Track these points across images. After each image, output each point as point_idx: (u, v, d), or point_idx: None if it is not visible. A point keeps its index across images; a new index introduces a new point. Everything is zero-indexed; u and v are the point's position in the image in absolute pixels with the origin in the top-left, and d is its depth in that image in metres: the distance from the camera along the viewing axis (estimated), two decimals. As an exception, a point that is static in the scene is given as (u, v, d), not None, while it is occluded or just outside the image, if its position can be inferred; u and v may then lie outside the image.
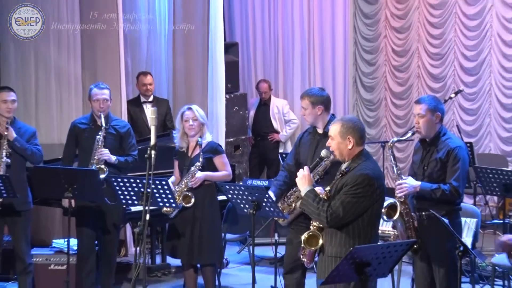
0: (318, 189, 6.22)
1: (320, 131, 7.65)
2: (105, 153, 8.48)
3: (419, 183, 7.03)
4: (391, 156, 7.33)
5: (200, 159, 8.16)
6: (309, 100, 7.67)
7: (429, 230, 6.99)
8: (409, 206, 7.05)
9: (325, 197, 5.99)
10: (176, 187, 8.17)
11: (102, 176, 8.36)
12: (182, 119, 8.29)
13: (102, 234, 8.81)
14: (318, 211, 5.90)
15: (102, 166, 8.45)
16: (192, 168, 8.18)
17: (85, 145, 8.64)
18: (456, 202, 7.09)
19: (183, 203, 8.13)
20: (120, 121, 9.04)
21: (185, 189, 8.19)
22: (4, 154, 8.50)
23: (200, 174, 8.18)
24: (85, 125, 8.76)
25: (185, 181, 8.21)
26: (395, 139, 7.80)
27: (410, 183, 7.02)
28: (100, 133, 8.52)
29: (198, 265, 8.50)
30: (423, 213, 7.04)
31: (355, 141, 6.02)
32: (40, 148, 8.79)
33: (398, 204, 6.82)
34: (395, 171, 7.06)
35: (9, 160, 8.51)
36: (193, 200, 8.15)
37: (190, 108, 8.30)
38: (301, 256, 6.31)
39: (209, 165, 8.28)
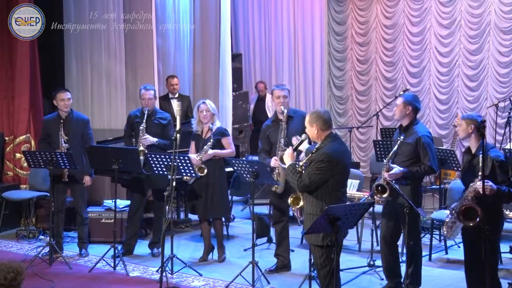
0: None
1: (281, 117, 7.66)
2: (147, 139, 8.43)
3: (402, 169, 6.78)
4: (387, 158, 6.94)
5: (211, 140, 8.14)
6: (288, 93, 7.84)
7: (398, 196, 6.77)
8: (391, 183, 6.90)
9: (299, 169, 6.02)
10: (195, 158, 8.12)
11: (141, 157, 8.29)
12: (198, 110, 8.24)
13: (154, 199, 8.80)
14: (293, 179, 5.97)
15: (142, 148, 8.39)
16: (205, 147, 8.15)
17: (136, 130, 8.60)
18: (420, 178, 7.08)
19: (198, 173, 8.07)
20: (164, 114, 8.84)
21: (200, 162, 8.14)
22: (63, 141, 8.45)
23: (210, 151, 8.15)
24: (138, 117, 8.69)
25: (199, 156, 8.16)
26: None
27: (398, 169, 6.80)
28: (142, 125, 8.45)
29: (210, 219, 8.45)
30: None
31: (319, 127, 6.01)
32: (91, 134, 8.75)
33: (386, 185, 6.79)
34: (388, 164, 6.83)
35: (67, 145, 8.44)
36: (205, 171, 8.13)
37: (204, 102, 8.24)
38: (294, 212, 6.33)
39: (218, 145, 8.23)
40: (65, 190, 8.75)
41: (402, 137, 6.83)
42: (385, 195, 6.83)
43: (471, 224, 5.95)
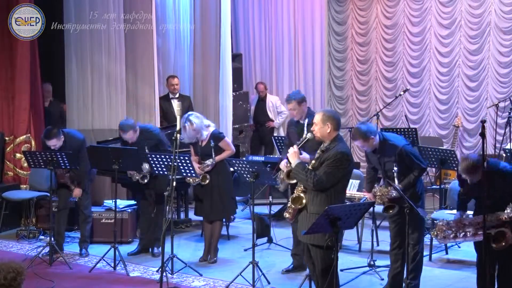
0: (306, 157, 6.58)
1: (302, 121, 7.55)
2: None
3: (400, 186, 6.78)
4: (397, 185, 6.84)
5: (213, 155, 8.14)
6: (296, 101, 7.54)
7: (403, 201, 6.73)
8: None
9: (310, 167, 5.94)
10: (197, 168, 8.14)
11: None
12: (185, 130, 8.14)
13: (154, 199, 8.77)
14: (307, 178, 5.86)
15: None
16: (207, 162, 8.16)
17: None
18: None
19: (201, 182, 8.13)
20: (148, 133, 8.58)
21: (202, 172, 8.17)
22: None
23: (210, 162, 8.18)
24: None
25: (201, 167, 8.19)
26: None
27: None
28: (143, 172, 8.38)
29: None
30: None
31: (333, 127, 6.01)
32: (84, 156, 8.50)
33: (392, 204, 6.75)
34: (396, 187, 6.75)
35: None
36: (207, 181, 8.16)
37: (184, 126, 8.02)
38: (285, 214, 6.23)
39: (217, 149, 8.24)
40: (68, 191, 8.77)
41: (391, 159, 6.80)
42: (395, 209, 6.79)
43: (503, 244, 5.91)
